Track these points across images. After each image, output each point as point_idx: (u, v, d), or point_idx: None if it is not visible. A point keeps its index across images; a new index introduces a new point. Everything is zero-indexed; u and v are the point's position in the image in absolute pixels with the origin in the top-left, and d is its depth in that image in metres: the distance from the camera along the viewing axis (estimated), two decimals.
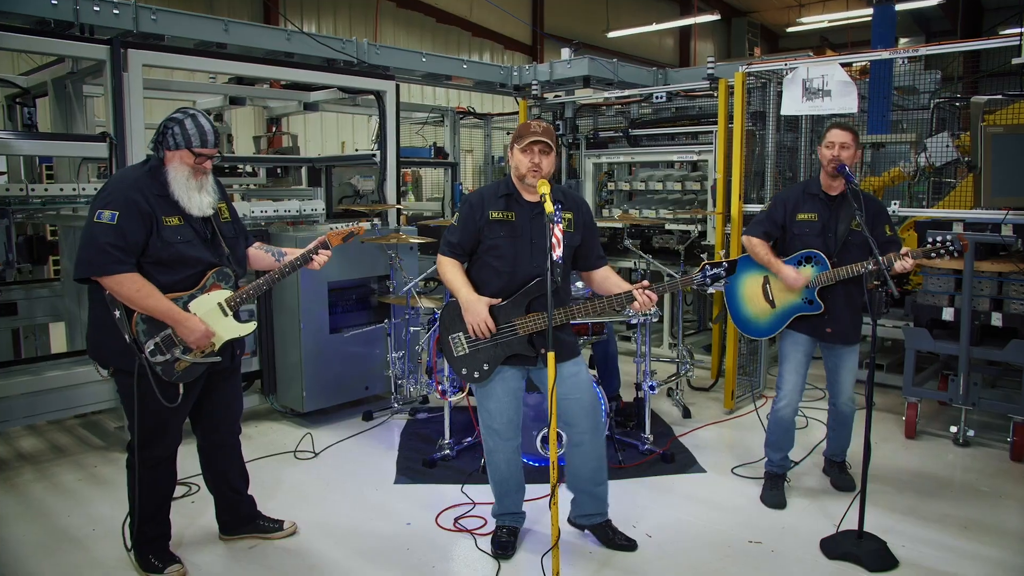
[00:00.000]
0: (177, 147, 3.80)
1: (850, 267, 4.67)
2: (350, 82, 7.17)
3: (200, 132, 3.82)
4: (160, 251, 3.76)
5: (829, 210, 4.85)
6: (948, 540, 4.56)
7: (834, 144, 4.73)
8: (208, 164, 3.91)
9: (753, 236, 5.02)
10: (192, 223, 3.87)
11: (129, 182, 3.79)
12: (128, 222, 3.67)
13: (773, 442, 5.12)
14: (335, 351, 6.57)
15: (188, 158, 3.82)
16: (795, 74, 6.45)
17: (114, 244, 3.64)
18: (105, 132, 5.57)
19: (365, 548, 4.48)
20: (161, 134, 3.83)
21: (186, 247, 3.83)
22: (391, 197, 7.20)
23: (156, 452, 4.00)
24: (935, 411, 6.75)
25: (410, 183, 13.37)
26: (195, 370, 3.93)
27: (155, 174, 3.84)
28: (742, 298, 5.20)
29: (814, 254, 4.83)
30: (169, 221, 3.79)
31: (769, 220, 5.02)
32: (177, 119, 3.82)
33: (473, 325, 4.07)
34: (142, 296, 3.70)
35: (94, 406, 5.92)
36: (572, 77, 9.33)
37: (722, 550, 4.44)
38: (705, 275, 4.02)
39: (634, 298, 4.00)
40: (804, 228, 4.90)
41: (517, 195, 4.17)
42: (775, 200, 5.11)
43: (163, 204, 3.79)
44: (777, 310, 5.01)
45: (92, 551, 4.41)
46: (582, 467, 4.35)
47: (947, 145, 6.77)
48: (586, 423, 4.23)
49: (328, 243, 4.25)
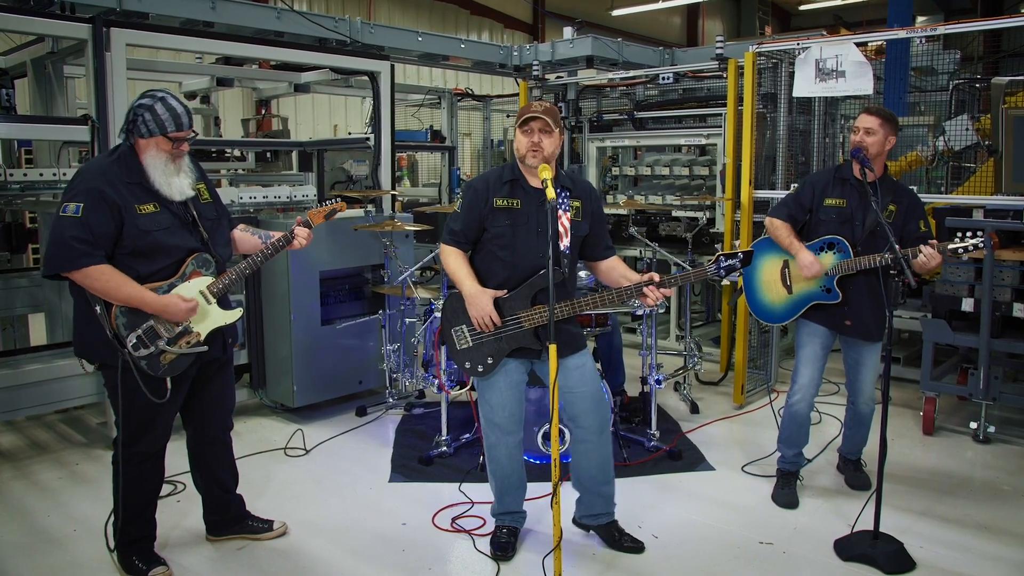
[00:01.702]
0: (151, 134, 3.77)
1: (872, 257, 4.63)
2: (343, 62, 7.12)
3: (173, 115, 3.78)
4: (136, 240, 3.73)
5: (859, 197, 4.82)
6: (967, 541, 4.54)
7: (858, 129, 4.71)
8: (185, 147, 3.88)
9: (776, 218, 4.99)
10: (169, 208, 3.85)
11: (95, 172, 3.77)
12: (93, 214, 3.64)
13: (786, 438, 5.10)
14: (327, 344, 6.55)
15: (164, 144, 3.79)
16: (808, 54, 6.42)
17: (79, 237, 3.61)
18: (87, 115, 5.54)
19: (358, 549, 4.47)
20: (131, 122, 3.79)
21: (164, 235, 3.81)
22: (386, 183, 7.17)
23: (143, 448, 3.98)
24: (954, 406, 6.74)
25: (405, 168, 13.35)
26: (182, 363, 3.90)
27: (124, 161, 3.81)
28: (760, 282, 5.16)
29: (837, 240, 4.80)
30: (143, 209, 3.76)
31: (796, 203, 4.99)
32: (146, 105, 3.77)
33: (477, 319, 4.05)
34: (114, 287, 3.67)
35: (76, 401, 5.90)
36: (575, 57, 9.27)
37: (731, 551, 4.43)
38: (720, 266, 3.98)
39: (644, 292, 3.98)
40: (831, 214, 4.86)
41: (523, 181, 4.14)
42: (804, 182, 5.07)
43: (135, 192, 3.76)
44: (793, 296, 4.98)
45: (73, 552, 4.40)
46: (588, 464, 4.33)
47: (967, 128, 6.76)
48: (592, 418, 4.21)
49: (310, 222, 4.22)
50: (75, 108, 7.29)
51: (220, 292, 3.97)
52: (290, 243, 4.14)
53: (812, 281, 4.87)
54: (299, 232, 4.16)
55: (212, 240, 4.01)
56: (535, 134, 3.99)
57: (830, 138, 8.00)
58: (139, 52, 7.17)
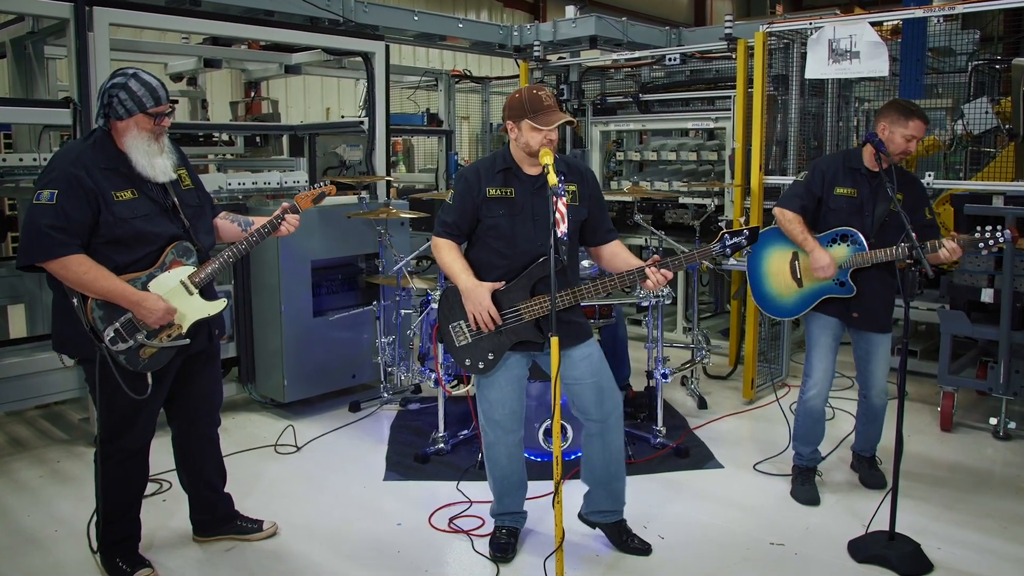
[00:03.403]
0: (130, 113, 3.73)
1: (888, 250, 4.61)
2: (336, 43, 7.11)
3: (149, 90, 3.75)
4: (114, 229, 3.71)
5: (870, 187, 4.79)
6: (987, 541, 4.53)
7: (914, 139, 4.65)
8: (167, 121, 3.85)
9: (789, 210, 4.93)
10: (149, 194, 3.82)
11: (71, 157, 3.73)
12: (69, 200, 3.61)
13: (802, 435, 5.08)
14: (319, 336, 6.54)
15: (145, 122, 3.76)
16: (821, 34, 6.38)
17: (54, 226, 3.58)
18: (68, 97, 5.51)
19: (351, 551, 4.46)
20: (107, 105, 3.75)
21: (143, 222, 3.78)
22: (380, 168, 7.15)
23: (126, 445, 3.97)
24: (973, 401, 6.73)
25: (401, 153, 13.32)
26: (163, 357, 3.88)
27: (101, 146, 3.78)
28: (766, 273, 5.12)
29: (851, 233, 4.77)
30: (121, 196, 3.73)
31: (807, 192, 4.92)
32: (119, 83, 3.74)
33: (475, 314, 4.03)
34: (90, 279, 3.64)
35: (57, 396, 5.90)
36: (578, 37, 9.23)
37: (741, 553, 4.42)
38: (725, 245, 3.96)
39: (646, 276, 3.95)
40: (841, 204, 4.84)
41: (516, 169, 4.11)
42: (813, 169, 5.00)
43: (112, 178, 3.74)
44: (805, 290, 4.95)
45: (54, 553, 4.40)
46: (596, 458, 4.31)
47: (986, 111, 6.73)
48: (600, 409, 4.19)
49: (297, 206, 4.19)
50: (56, 91, 7.25)
51: (203, 282, 3.93)
52: (276, 229, 4.11)
53: None
54: (288, 218, 4.13)
55: (194, 228, 3.98)
56: (554, 132, 3.96)
57: (844, 122, 7.97)
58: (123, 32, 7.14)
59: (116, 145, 3.79)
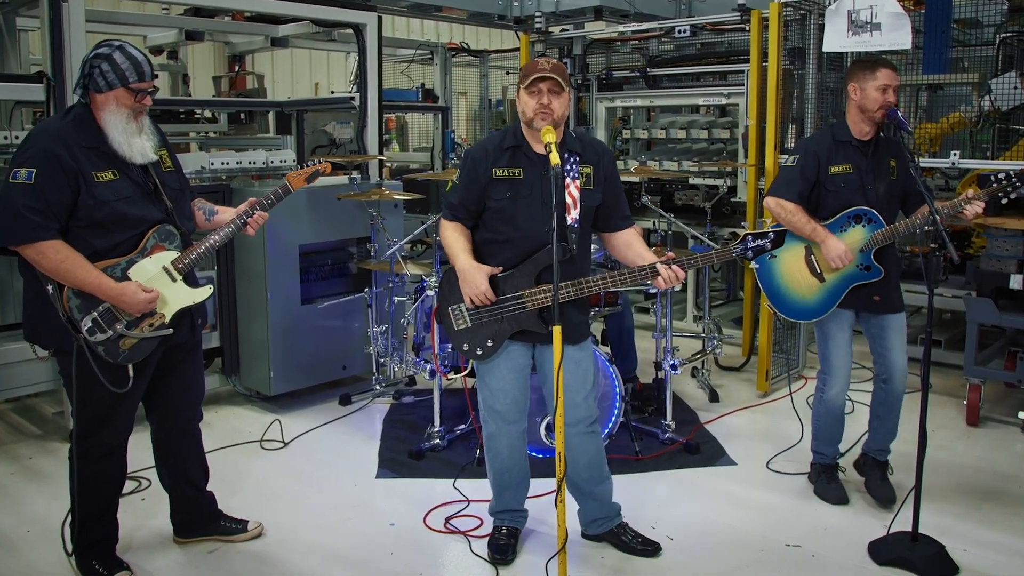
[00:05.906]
0: (110, 87, 3.71)
1: (910, 220, 4.58)
2: (325, 13, 7.07)
3: (134, 63, 3.73)
4: (93, 212, 3.68)
5: (865, 159, 4.73)
6: (1016, 543, 4.52)
7: (888, 88, 4.61)
8: (148, 100, 3.83)
9: (786, 200, 4.77)
10: (130, 175, 3.80)
11: (50, 134, 3.71)
12: (48, 180, 3.59)
13: (825, 436, 5.01)
14: (307, 325, 6.53)
15: (126, 98, 3.73)
16: (839, 4, 6.36)
17: (31, 207, 3.56)
18: (41, 71, 5.49)
19: (342, 552, 4.46)
20: (87, 76, 3.73)
21: (124, 205, 3.76)
22: (372, 147, 7.14)
23: (103, 441, 3.96)
24: (1001, 394, 6.71)
25: (394, 130, 13.32)
26: (145, 348, 3.86)
27: (81, 123, 3.76)
28: (781, 275, 4.92)
29: (863, 211, 4.69)
30: (101, 176, 3.71)
31: (802, 178, 4.77)
32: (103, 54, 3.71)
33: (470, 296, 4.01)
34: (67, 269, 3.63)
35: (29, 388, 5.88)
36: (582, 8, 9.23)
37: (754, 554, 4.41)
38: (747, 246, 3.93)
39: (658, 272, 3.92)
40: (839, 183, 4.73)
41: (526, 147, 4.08)
42: (805, 152, 4.85)
43: (92, 157, 3.71)
44: (828, 284, 4.79)
45: (27, 555, 4.40)
46: (576, 463, 4.27)
47: (1015, 87, 6.71)
48: (575, 412, 4.16)
49: (290, 186, 4.18)
50: (28, 64, 7.23)
51: (186, 268, 3.92)
52: (243, 229, 4.11)
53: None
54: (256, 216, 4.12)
55: (176, 211, 3.96)
56: (544, 95, 3.91)
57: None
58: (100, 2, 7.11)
59: (96, 121, 3.77)
